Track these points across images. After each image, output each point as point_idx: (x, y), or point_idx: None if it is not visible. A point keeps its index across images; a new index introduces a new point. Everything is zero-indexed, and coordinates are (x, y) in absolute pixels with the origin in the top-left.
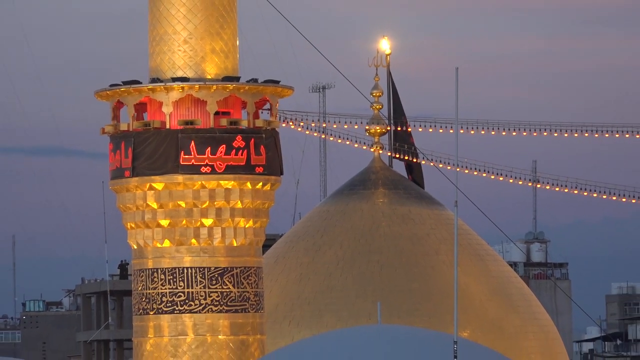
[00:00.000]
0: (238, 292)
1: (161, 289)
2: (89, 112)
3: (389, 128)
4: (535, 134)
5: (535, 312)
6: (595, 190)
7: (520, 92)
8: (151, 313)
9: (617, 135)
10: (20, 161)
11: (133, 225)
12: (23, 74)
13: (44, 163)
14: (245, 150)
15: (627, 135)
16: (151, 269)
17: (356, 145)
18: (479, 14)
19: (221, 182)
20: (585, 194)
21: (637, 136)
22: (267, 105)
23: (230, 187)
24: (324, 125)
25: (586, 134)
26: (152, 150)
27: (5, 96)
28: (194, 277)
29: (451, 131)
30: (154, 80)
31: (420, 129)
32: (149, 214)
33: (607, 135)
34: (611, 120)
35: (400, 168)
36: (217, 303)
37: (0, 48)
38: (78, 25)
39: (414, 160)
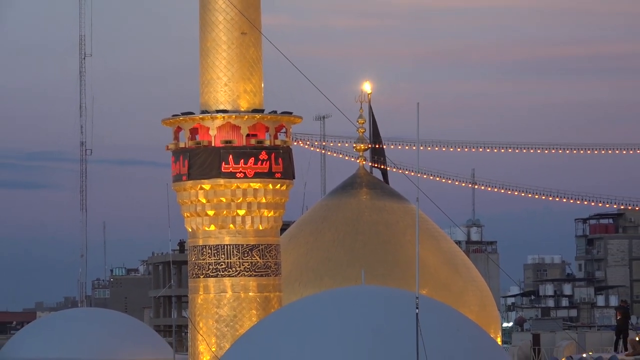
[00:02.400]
0: (263, 262)
1: (208, 259)
2: (157, 135)
3: (370, 146)
4: (473, 149)
5: (474, 276)
6: (516, 190)
7: (466, 120)
8: (201, 277)
9: (531, 151)
10: (109, 169)
11: (188, 215)
12: (114, 107)
13: (126, 171)
14: (268, 162)
15: (538, 151)
16: (201, 245)
17: (346, 158)
18: (438, 63)
19: (251, 184)
20: (509, 192)
21: (546, 152)
22: (284, 130)
23: (257, 187)
24: (324, 143)
25: (509, 150)
26: (201, 161)
27: (105, 125)
28: (231, 251)
29: (414, 148)
30: (204, 112)
31: (392, 147)
32: (200, 207)
33: (524, 150)
34: (530, 141)
35: (378, 174)
36: (248, 270)
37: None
38: (147, 75)
39: (388, 168)
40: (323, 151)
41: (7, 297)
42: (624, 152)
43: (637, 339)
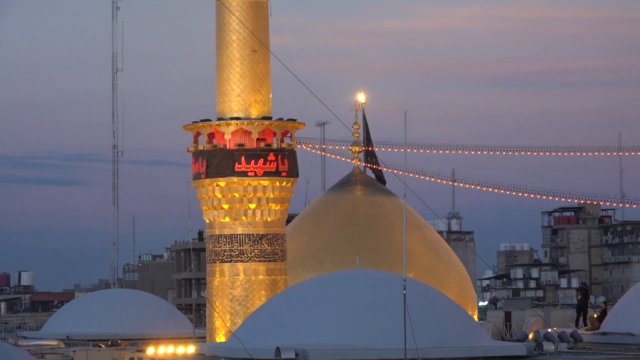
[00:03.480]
0: (271, 249)
1: (223, 247)
2: (179, 139)
3: (363, 148)
4: (454, 152)
5: (454, 261)
6: (491, 187)
7: (447, 126)
8: (217, 262)
9: (504, 153)
10: (137, 169)
11: (206, 208)
12: (142, 114)
13: (152, 170)
14: (275, 162)
15: (510, 153)
16: (217, 235)
17: (343, 159)
18: (423, 77)
19: (260, 181)
20: (485, 189)
21: (517, 153)
22: (289, 134)
23: (266, 184)
24: (324, 146)
25: (485, 152)
26: (218, 162)
27: (134, 130)
28: (243, 240)
29: (402, 150)
30: (219, 119)
31: (382, 149)
32: (216, 201)
33: (498, 152)
34: (503, 144)
35: (370, 173)
36: (258, 256)
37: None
38: (170, 86)
39: (379, 168)
40: (323, 153)
41: (49, 279)
42: (584, 154)
43: (595, 316)
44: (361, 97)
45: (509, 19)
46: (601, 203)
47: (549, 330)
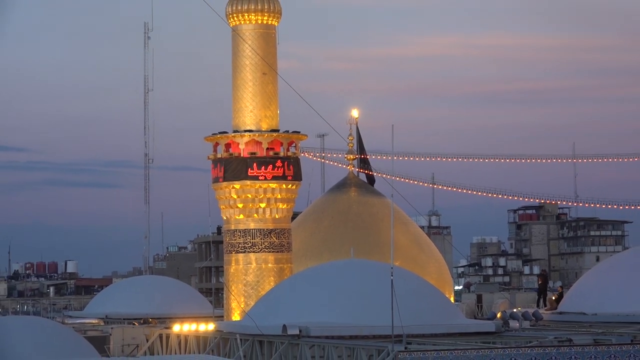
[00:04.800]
0: (278, 241)
1: (238, 240)
2: (201, 148)
3: (357, 156)
4: (434, 159)
5: (433, 252)
6: (465, 188)
7: (429, 137)
8: (233, 252)
9: (476, 160)
10: (165, 174)
11: (224, 207)
12: (169, 127)
13: (178, 175)
14: (282, 168)
15: (481, 160)
16: (233, 229)
17: (339, 165)
18: (409, 96)
19: (269, 184)
20: (460, 190)
21: (486, 160)
22: (294, 144)
23: (274, 187)
24: (323, 154)
25: (461, 159)
26: (233, 167)
27: (163, 141)
28: (255, 234)
29: (389, 158)
30: (235, 131)
31: (373, 157)
32: (232, 201)
33: (472, 160)
34: (475, 152)
35: (362, 177)
36: (267, 247)
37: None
38: (193, 103)
39: (370, 173)
40: (322, 160)
41: (91, 267)
42: (544, 161)
43: (553, 298)
44: (355, 113)
45: (480, 47)
46: (558, 202)
47: (514, 310)
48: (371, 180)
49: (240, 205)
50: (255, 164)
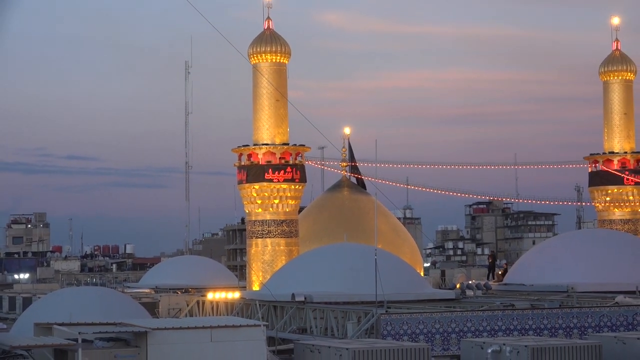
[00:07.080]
0: (288, 229)
1: (257, 228)
2: (229, 157)
3: (349, 164)
4: (409, 166)
5: (407, 237)
6: (433, 188)
7: (405, 150)
8: (253, 238)
9: (442, 167)
10: (202, 177)
11: (246, 203)
12: (205, 141)
13: (212, 178)
14: (291, 172)
15: (447, 167)
16: (253, 220)
17: (336, 171)
18: (389, 117)
19: (282, 185)
20: (431, 190)
21: (449, 167)
22: (300, 155)
23: (285, 187)
24: (323, 162)
25: (432, 166)
26: (254, 172)
27: (200, 151)
28: (270, 223)
29: (374, 165)
30: (255, 144)
31: (361, 164)
32: (252, 198)
33: (439, 167)
34: (442, 161)
35: (353, 180)
36: (280, 234)
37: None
38: (223, 123)
39: (359, 177)
40: (322, 167)
41: (145, 248)
42: (493, 167)
43: (499, 272)
44: (347, 130)
45: (445, 80)
46: (503, 199)
47: (470, 282)
48: (360, 182)
49: (259, 202)
50: (270, 170)
